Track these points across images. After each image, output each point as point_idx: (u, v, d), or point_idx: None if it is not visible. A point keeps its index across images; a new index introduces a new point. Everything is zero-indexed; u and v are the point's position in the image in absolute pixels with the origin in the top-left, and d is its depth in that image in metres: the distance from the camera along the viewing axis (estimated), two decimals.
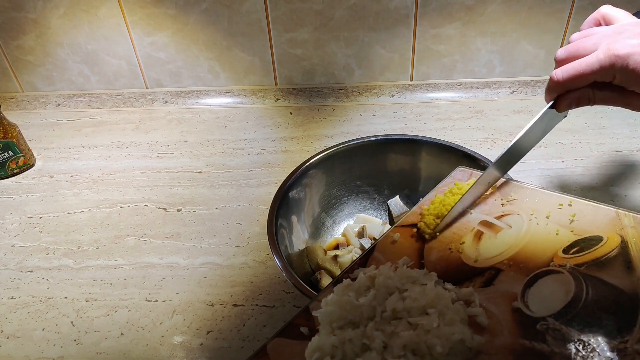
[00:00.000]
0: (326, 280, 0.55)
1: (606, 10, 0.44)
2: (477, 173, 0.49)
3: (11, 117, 0.90)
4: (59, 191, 0.75)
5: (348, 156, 0.63)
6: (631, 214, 0.40)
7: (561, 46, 0.89)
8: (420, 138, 0.63)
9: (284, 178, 0.58)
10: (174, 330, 0.53)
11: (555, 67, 0.44)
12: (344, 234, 0.63)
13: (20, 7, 0.87)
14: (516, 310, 0.35)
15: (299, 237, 0.58)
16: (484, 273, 0.39)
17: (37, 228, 0.68)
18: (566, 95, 0.43)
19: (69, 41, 0.91)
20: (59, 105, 0.97)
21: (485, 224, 0.43)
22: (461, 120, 0.86)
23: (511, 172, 0.54)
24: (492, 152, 0.78)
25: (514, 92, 0.92)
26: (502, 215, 0.44)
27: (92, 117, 0.94)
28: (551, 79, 0.43)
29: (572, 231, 0.40)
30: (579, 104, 0.43)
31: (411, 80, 0.94)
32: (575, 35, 0.44)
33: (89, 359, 0.51)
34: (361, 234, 0.61)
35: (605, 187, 0.70)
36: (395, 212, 0.65)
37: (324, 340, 0.35)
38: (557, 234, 0.40)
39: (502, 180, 0.47)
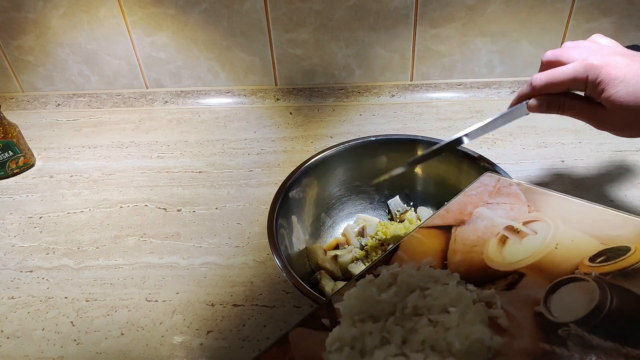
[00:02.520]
0: (326, 281, 0.55)
1: (596, 37, 0.46)
2: (505, 179, 0.50)
3: (11, 117, 0.90)
4: (59, 191, 0.75)
5: (348, 156, 0.63)
6: None
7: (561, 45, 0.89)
8: (420, 138, 0.62)
9: (284, 178, 0.58)
10: (174, 330, 0.53)
11: (540, 68, 0.46)
12: (344, 234, 0.63)
13: (20, 7, 0.87)
14: (538, 314, 0.35)
15: (299, 237, 0.58)
16: (507, 277, 0.39)
17: (37, 228, 0.68)
18: (538, 98, 0.45)
19: (69, 41, 0.91)
20: (59, 105, 0.97)
21: (511, 229, 0.43)
22: (461, 120, 0.86)
23: (511, 172, 0.54)
24: (492, 152, 0.78)
25: (514, 92, 0.92)
26: (528, 222, 0.43)
27: (92, 117, 0.94)
28: (530, 82, 0.45)
29: (599, 240, 0.40)
30: (548, 109, 0.45)
31: (411, 80, 0.94)
32: (567, 43, 0.45)
33: (89, 359, 0.51)
34: (361, 234, 0.61)
35: (605, 187, 0.70)
36: (395, 211, 0.65)
37: (345, 332, 0.36)
38: (583, 243, 0.40)
39: (529, 186, 0.48)
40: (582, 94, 0.44)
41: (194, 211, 0.70)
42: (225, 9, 0.86)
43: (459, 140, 0.50)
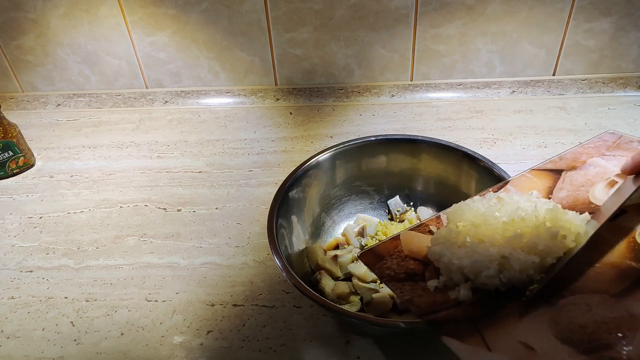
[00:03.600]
0: (326, 281, 0.55)
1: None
2: (627, 136, 0.51)
3: (11, 117, 0.90)
4: (59, 191, 0.75)
5: (348, 156, 0.63)
6: None
7: (561, 46, 0.89)
8: (420, 138, 0.62)
9: (284, 178, 0.58)
10: (174, 330, 0.53)
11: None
12: (344, 234, 0.62)
13: (20, 7, 0.87)
14: (631, 240, 0.38)
15: (299, 237, 0.58)
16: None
17: (37, 228, 0.68)
18: None
19: (69, 41, 0.91)
20: (59, 105, 0.97)
21: (622, 176, 0.44)
22: (461, 120, 0.86)
23: (511, 172, 0.54)
24: (492, 152, 0.78)
25: (514, 92, 0.92)
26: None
27: (92, 117, 0.94)
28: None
29: None
30: None
31: (411, 80, 0.94)
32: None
33: (89, 359, 0.51)
34: (361, 234, 0.61)
35: None
36: (395, 211, 0.65)
37: (443, 230, 0.42)
38: None
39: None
40: None
41: (194, 211, 0.70)
42: (225, 9, 0.86)
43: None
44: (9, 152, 0.77)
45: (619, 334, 0.31)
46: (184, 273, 0.60)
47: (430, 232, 0.44)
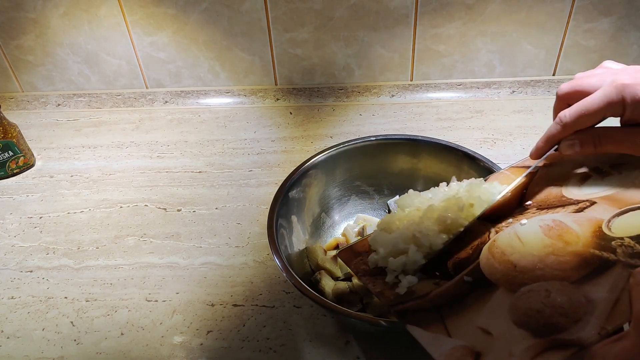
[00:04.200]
0: (326, 281, 0.55)
1: (607, 63, 0.43)
2: None
3: (11, 117, 0.90)
4: (59, 191, 0.75)
5: (348, 156, 0.63)
6: None
7: (561, 46, 0.89)
8: (420, 138, 0.62)
9: (284, 178, 0.58)
10: (174, 330, 0.53)
11: (556, 104, 0.43)
12: (344, 234, 0.62)
13: (20, 7, 0.87)
14: (598, 230, 0.38)
15: (299, 237, 0.58)
16: (579, 203, 0.41)
17: (37, 228, 0.68)
18: (570, 138, 0.42)
19: (69, 41, 0.91)
20: (59, 105, 0.97)
21: (597, 169, 0.45)
22: (461, 120, 0.86)
23: None
24: (492, 152, 0.78)
25: (514, 92, 0.92)
26: (617, 164, 0.44)
27: (92, 117, 0.94)
28: (559, 120, 0.41)
29: None
30: (583, 147, 0.41)
31: (411, 80, 0.94)
32: (578, 74, 0.42)
33: (89, 359, 0.51)
34: (361, 234, 0.61)
35: None
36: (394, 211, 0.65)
37: (390, 216, 0.46)
38: None
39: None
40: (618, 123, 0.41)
41: (194, 211, 0.70)
42: (225, 9, 0.86)
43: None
44: (9, 152, 0.77)
45: (575, 319, 0.32)
46: (184, 273, 0.60)
47: None
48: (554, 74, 0.92)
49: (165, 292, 0.58)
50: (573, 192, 0.43)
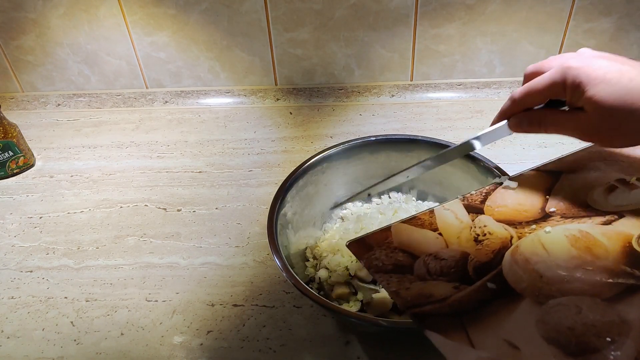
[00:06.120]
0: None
1: (582, 50, 0.43)
2: None
3: (11, 117, 0.90)
4: (59, 191, 0.75)
5: (348, 156, 0.62)
6: None
7: (561, 46, 0.89)
8: (420, 138, 0.62)
9: (284, 178, 0.58)
10: (174, 330, 0.53)
11: (523, 82, 0.44)
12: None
13: (20, 7, 0.87)
14: (627, 246, 0.37)
15: (299, 237, 0.58)
16: (606, 215, 0.41)
17: (37, 228, 0.68)
18: (518, 115, 0.44)
19: (69, 41, 0.91)
20: (59, 105, 0.97)
21: (622, 181, 0.44)
22: (461, 120, 0.86)
23: (511, 172, 0.54)
24: (492, 152, 0.77)
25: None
26: None
27: (92, 117, 0.94)
28: (510, 96, 0.43)
29: None
30: (529, 126, 0.43)
31: (411, 80, 0.94)
32: (552, 57, 0.43)
33: (89, 359, 0.51)
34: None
35: None
36: None
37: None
38: None
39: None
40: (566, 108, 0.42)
41: (194, 211, 0.70)
42: (225, 9, 0.86)
43: (427, 165, 0.51)
44: (9, 152, 0.77)
45: (608, 339, 0.31)
46: (184, 273, 0.60)
47: (422, 226, 0.45)
48: None
49: (165, 292, 0.58)
50: (599, 203, 0.42)
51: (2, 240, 0.67)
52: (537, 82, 0.41)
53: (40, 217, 0.70)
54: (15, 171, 0.79)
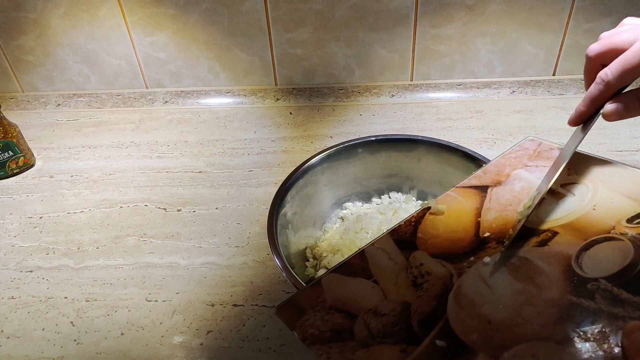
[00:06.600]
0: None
1: (630, 19, 0.41)
2: (547, 143, 0.49)
3: (11, 117, 0.90)
4: (59, 191, 0.75)
5: (348, 156, 0.63)
6: None
7: (561, 46, 0.89)
8: (420, 138, 0.62)
9: (284, 178, 0.58)
10: (174, 330, 0.53)
11: (588, 66, 0.40)
12: None
13: (20, 7, 0.87)
14: (568, 269, 0.35)
15: (299, 237, 0.58)
16: (540, 234, 0.39)
17: (37, 228, 0.68)
18: (613, 101, 0.38)
19: (69, 41, 0.91)
20: (59, 105, 0.97)
21: (549, 190, 0.43)
22: (461, 120, 0.86)
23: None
24: (492, 152, 0.78)
25: (514, 92, 0.92)
26: (567, 184, 0.43)
27: (92, 117, 0.94)
28: (600, 80, 0.38)
29: (639, 203, 0.39)
30: (628, 111, 0.38)
31: (411, 80, 0.94)
32: (603, 34, 0.40)
33: (89, 359, 0.51)
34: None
35: None
36: None
37: None
38: (622, 204, 0.39)
39: (573, 152, 0.46)
40: None
41: (194, 211, 0.70)
42: (226, 9, 0.86)
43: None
44: (9, 152, 0.77)
45: None
46: (184, 273, 0.60)
47: (355, 273, 0.40)
48: (553, 74, 0.92)
49: (165, 292, 0.58)
50: (529, 219, 0.40)
51: (2, 240, 0.67)
52: (632, 57, 0.36)
53: (40, 217, 0.70)
54: (15, 171, 0.79)
